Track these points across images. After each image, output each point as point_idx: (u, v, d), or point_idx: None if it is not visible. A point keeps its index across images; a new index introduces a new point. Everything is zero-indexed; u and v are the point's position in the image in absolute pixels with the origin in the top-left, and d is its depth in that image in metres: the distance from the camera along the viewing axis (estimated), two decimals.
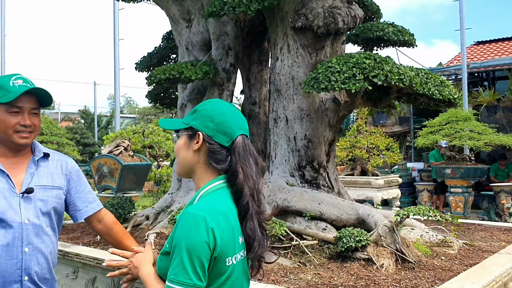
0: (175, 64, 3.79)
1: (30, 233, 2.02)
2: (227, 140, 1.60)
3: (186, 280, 1.43)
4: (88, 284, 3.25)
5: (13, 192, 2.02)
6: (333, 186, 3.67)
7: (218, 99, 1.75)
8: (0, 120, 2.03)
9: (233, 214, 1.54)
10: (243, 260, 1.56)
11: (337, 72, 2.88)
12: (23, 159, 2.13)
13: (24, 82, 2.07)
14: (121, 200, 3.99)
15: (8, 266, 1.99)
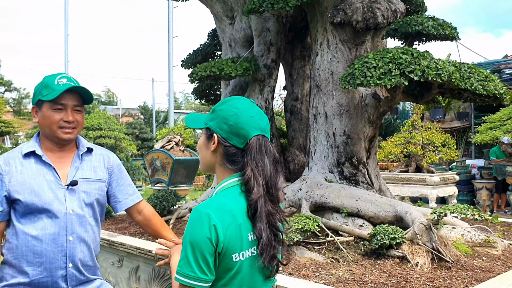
0: (216, 61, 3.87)
1: (74, 223, 2.14)
2: (241, 142, 1.62)
3: (190, 273, 1.50)
4: (131, 272, 3.41)
5: (59, 185, 2.14)
6: (373, 183, 3.62)
7: (237, 97, 1.76)
8: (46, 116, 2.15)
9: (241, 211, 1.57)
10: (255, 257, 1.59)
11: (373, 67, 2.85)
12: (68, 153, 2.25)
13: (68, 81, 2.17)
14: (165, 193, 4.14)
15: (55, 253, 2.11)
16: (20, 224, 2.12)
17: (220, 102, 1.72)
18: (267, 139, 1.66)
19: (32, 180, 2.12)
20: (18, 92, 20.12)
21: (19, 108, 20.34)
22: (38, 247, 2.10)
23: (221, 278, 1.55)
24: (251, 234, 1.58)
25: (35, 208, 2.10)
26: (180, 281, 1.52)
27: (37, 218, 2.11)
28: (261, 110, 1.70)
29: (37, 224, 2.10)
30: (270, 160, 1.62)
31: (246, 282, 1.58)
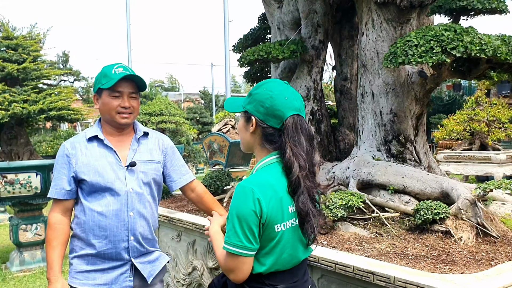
0: (263, 45, 4.00)
1: (134, 200, 2.37)
2: (278, 123, 1.77)
3: (237, 242, 1.69)
4: (189, 246, 3.66)
5: (120, 166, 2.38)
6: (421, 160, 3.64)
7: (271, 80, 1.87)
8: (105, 103, 2.39)
9: (281, 186, 1.73)
10: (294, 227, 1.75)
11: (414, 46, 2.86)
12: (127, 137, 2.49)
13: (124, 70, 2.38)
14: (219, 173, 4.35)
15: (118, 227, 2.34)
16: (86, 201, 2.36)
17: (256, 86, 1.87)
18: (302, 117, 1.80)
19: (96, 162, 2.35)
20: (86, 81, 21.26)
21: (87, 96, 21.50)
22: (103, 222, 2.33)
23: (265, 247, 1.73)
24: (291, 206, 1.74)
25: (99, 187, 2.33)
26: (229, 250, 1.71)
27: (101, 196, 2.34)
28: (295, 91, 1.84)
29: (102, 201, 2.33)
30: (306, 137, 1.77)
31: (287, 250, 1.75)
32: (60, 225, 2.36)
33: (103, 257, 2.35)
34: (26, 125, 6.70)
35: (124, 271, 2.38)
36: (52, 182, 2.40)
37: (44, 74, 6.40)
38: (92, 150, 2.38)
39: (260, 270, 1.73)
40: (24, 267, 6.25)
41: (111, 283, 2.36)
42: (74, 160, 2.34)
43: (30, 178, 5.99)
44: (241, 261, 1.70)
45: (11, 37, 6.48)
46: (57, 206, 2.39)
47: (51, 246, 2.33)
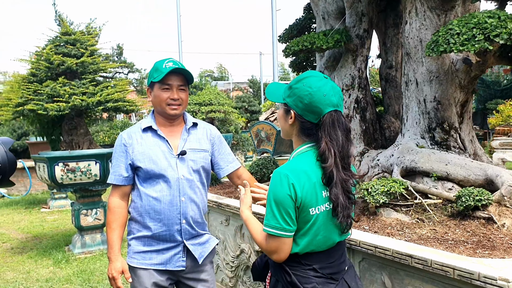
0: (308, 35, 4.08)
1: (185, 186, 2.54)
2: (315, 118, 1.87)
3: (276, 225, 1.82)
4: (237, 230, 3.85)
5: (171, 154, 2.55)
6: (465, 148, 3.64)
7: (311, 73, 1.92)
8: (156, 96, 2.57)
9: (315, 172, 1.84)
10: (329, 211, 1.86)
11: (456, 34, 2.88)
12: (178, 128, 2.66)
13: (174, 64, 2.53)
14: (265, 160, 4.50)
15: (171, 211, 2.52)
16: (142, 187, 2.56)
17: (296, 80, 1.96)
18: (340, 112, 1.90)
19: (150, 151, 2.55)
20: (139, 73, 21.94)
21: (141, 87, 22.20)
22: (157, 206, 2.52)
23: (301, 229, 1.86)
24: (325, 191, 1.85)
25: (153, 174, 2.52)
26: (269, 232, 1.85)
27: (156, 182, 2.53)
28: (335, 85, 1.92)
29: (156, 187, 2.53)
30: (342, 132, 1.87)
31: (322, 232, 1.87)
32: (119, 208, 2.56)
33: (158, 238, 2.55)
34: (85, 116, 7.13)
35: (178, 252, 2.56)
36: (111, 169, 2.61)
37: (100, 67, 6.79)
38: (147, 139, 2.56)
39: (296, 250, 1.86)
40: (85, 249, 6.69)
41: (165, 263, 2.56)
42: (130, 149, 2.54)
43: (90, 166, 6.36)
44: (282, 242, 1.83)
45: (70, 32, 6.90)
46: (115, 191, 2.58)
47: (111, 228, 2.53)
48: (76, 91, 6.49)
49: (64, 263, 6.19)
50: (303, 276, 1.86)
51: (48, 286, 5.34)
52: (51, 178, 6.25)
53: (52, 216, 9.56)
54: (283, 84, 2.06)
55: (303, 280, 1.85)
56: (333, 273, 1.89)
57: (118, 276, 2.50)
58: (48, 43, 6.85)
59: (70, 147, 6.62)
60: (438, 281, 2.24)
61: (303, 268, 1.87)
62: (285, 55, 4.26)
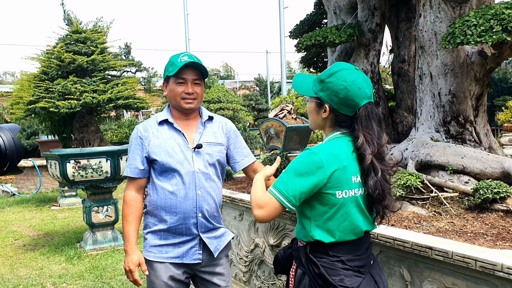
0: (320, 30, 4.07)
1: (201, 179, 2.53)
2: (351, 111, 1.88)
3: (283, 191, 1.81)
4: (250, 225, 3.85)
5: (187, 147, 2.55)
6: (481, 141, 3.62)
7: (343, 66, 1.91)
8: (171, 90, 2.57)
9: (346, 156, 1.83)
10: (358, 197, 1.85)
11: (473, 25, 2.86)
12: (193, 121, 2.65)
13: (189, 58, 2.52)
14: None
15: (187, 205, 2.51)
16: (158, 181, 2.55)
17: (328, 73, 1.94)
18: (373, 104, 1.91)
19: (166, 144, 2.54)
20: (147, 72, 22.00)
21: (148, 86, 22.26)
22: (173, 200, 2.51)
23: (326, 213, 1.85)
24: (355, 177, 1.84)
25: (169, 167, 2.51)
26: (273, 193, 1.85)
27: (172, 176, 2.52)
28: (366, 76, 1.91)
29: (172, 181, 2.52)
30: (377, 123, 1.88)
31: (349, 218, 1.86)
32: (135, 201, 2.55)
33: (174, 232, 2.55)
34: (95, 114, 7.16)
35: (194, 245, 2.56)
36: (127, 162, 2.61)
37: (110, 65, 6.82)
38: (163, 132, 2.56)
39: (322, 237, 1.84)
40: (96, 246, 6.72)
41: (182, 256, 2.55)
42: (146, 141, 2.54)
43: (101, 163, 6.39)
44: (274, 204, 1.81)
45: (80, 31, 6.93)
46: (131, 184, 2.58)
47: (127, 221, 2.53)
48: (87, 89, 6.52)
49: (76, 259, 6.23)
50: (331, 268, 1.84)
51: (61, 282, 5.37)
52: (63, 175, 6.28)
53: (62, 213, 9.61)
54: (310, 76, 2.05)
55: (331, 272, 1.83)
56: (360, 266, 1.88)
57: (135, 269, 2.50)
58: (58, 41, 6.89)
59: (81, 145, 6.65)
60: (459, 273, 2.23)
61: (330, 260, 1.85)
62: (297, 50, 4.26)
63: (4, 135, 1.10)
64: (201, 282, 2.70)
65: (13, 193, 12.25)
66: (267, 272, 3.72)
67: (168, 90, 2.59)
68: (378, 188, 1.83)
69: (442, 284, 2.32)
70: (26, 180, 12.61)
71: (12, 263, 6.19)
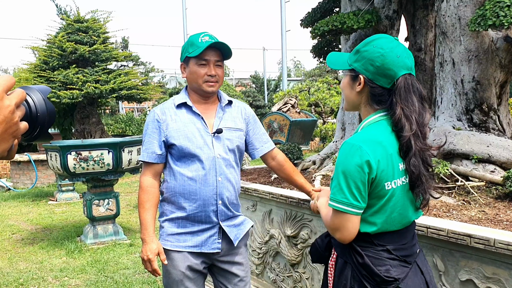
0: (337, 15, 3.95)
1: (221, 165, 2.42)
2: (388, 82, 1.69)
3: (343, 199, 1.65)
4: (265, 216, 3.72)
5: (207, 132, 2.43)
6: (504, 130, 3.51)
7: (380, 35, 1.75)
8: (192, 71, 2.43)
9: (391, 143, 1.68)
10: (405, 185, 1.70)
11: (506, 6, 2.74)
12: (212, 106, 2.53)
13: (210, 39, 2.40)
14: (290, 146, 4.37)
15: (207, 192, 2.40)
16: (176, 166, 2.42)
17: (364, 43, 1.79)
18: (413, 77, 1.72)
19: (185, 128, 2.41)
20: (144, 66, 21.80)
21: (146, 81, 22.05)
22: (193, 186, 2.39)
23: (374, 205, 1.69)
24: (402, 164, 1.68)
25: (188, 152, 2.39)
26: (334, 207, 1.68)
27: (191, 161, 2.40)
28: (406, 48, 1.75)
29: (191, 166, 2.39)
30: (418, 98, 1.69)
31: (398, 209, 1.71)
32: (152, 188, 2.43)
33: (193, 220, 2.43)
34: (96, 106, 7.01)
35: (213, 234, 2.45)
36: (143, 147, 2.47)
37: (113, 55, 6.66)
38: (181, 116, 2.44)
39: (369, 230, 1.69)
40: (97, 240, 6.56)
41: (201, 245, 2.43)
42: (164, 125, 2.41)
43: (103, 155, 6.23)
44: (346, 219, 1.65)
45: (82, 20, 6.76)
46: (148, 170, 2.45)
47: (144, 208, 2.40)
48: (89, 79, 6.37)
49: (77, 253, 6.06)
50: (376, 257, 1.70)
51: (63, 275, 5.22)
52: (64, 167, 6.12)
53: (60, 208, 9.43)
54: (345, 53, 1.90)
55: (376, 262, 1.69)
56: (406, 256, 1.73)
57: (154, 258, 2.35)
58: (59, 31, 6.70)
59: (82, 136, 6.49)
60: (501, 261, 2.11)
61: (375, 249, 1.71)
62: (312, 36, 4.13)
63: (35, 96, 0.96)
64: (219, 272, 2.57)
65: (8, 187, 12.04)
66: (283, 264, 3.59)
67: (188, 72, 2.46)
68: (417, 170, 1.67)
69: (481, 274, 2.20)
70: (21, 175, 12.40)
71: (10, 256, 6.02)
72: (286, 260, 3.49)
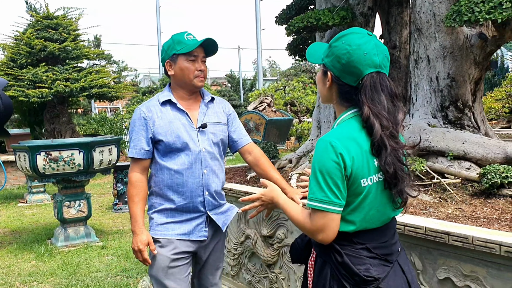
0: (312, 12, 3.90)
1: (207, 158, 2.55)
2: (354, 80, 1.63)
3: (324, 198, 1.59)
4: (240, 216, 3.65)
5: (192, 127, 2.55)
6: (479, 127, 3.51)
7: (354, 30, 1.69)
8: (183, 68, 2.53)
9: (364, 139, 1.62)
10: (381, 182, 1.64)
11: (481, 2, 2.73)
12: (196, 102, 2.65)
13: (193, 37, 2.57)
14: (266, 145, 4.31)
15: (193, 183, 2.51)
16: (163, 161, 2.52)
17: (336, 37, 1.73)
18: (383, 75, 1.65)
19: (171, 124, 2.51)
20: (117, 65, 21.47)
21: (118, 80, 21.67)
22: (180, 179, 2.50)
23: (351, 203, 1.62)
24: (377, 160, 1.62)
25: (175, 147, 2.50)
26: (316, 206, 1.61)
27: (177, 155, 2.51)
28: (380, 43, 1.68)
29: (177, 160, 2.50)
30: (387, 96, 1.63)
31: (376, 206, 1.65)
32: (140, 182, 2.53)
33: (181, 210, 2.54)
34: (66, 105, 6.81)
35: (200, 222, 2.56)
36: (131, 143, 2.57)
37: (84, 53, 6.47)
38: (167, 113, 2.54)
39: (348, 229, 1.63)
40: (68, 242, 6.37)
41: (189, 233, 2.54)
42: (151, 122, 2.51)
43: (74, 155, 6.06)
44: (330, 218, 1.58)
45: (51, 16, 6.55)
46: (136, 166, 2.55)
47: (134, 202, 2.50)
48: (59, 77, 6.16)
49: (47, 256, 5.87)
50: (355, 256, 1.64)
51: (32, 280, 5.04)
52: (33, 168, 5.92)
53: (30, 210, 9.16)
54: (325, 44, 1.83)
55: (356, 261, 1.63)
56: (387, 254, 1.68)
57: (144, 248, 2.46)
58: (28, 28, 6.47)
59: (52, 136, 6.29)
60: (479, 259, 2.08)
61: (355, 248, 1.65)
62: (287, 33, 4.07)
63: None
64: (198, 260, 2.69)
65: None
66: (259, 265, 3.52)
67: (178, 69, 2.56)
68: (392, 169, 1.61)
69: (460, 272, 2.17)
70: None
71: None
72: (262, 260, 3.43)
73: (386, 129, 1.59)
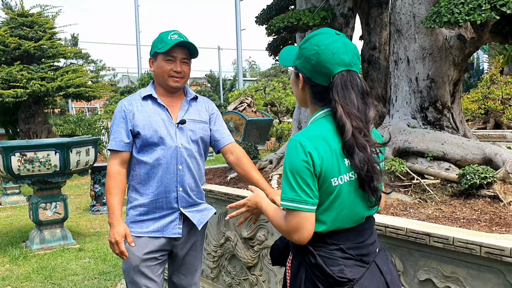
0: (292, 12, 3.88)
1: (183, 154, 2.58)
2: (325, 80, 1.64)
3: (295, 197, 1.57)
4: (220, 217, 3.60)
5: (171, 123, 2.56)
6: (458, 128, 3.54)
7: (322, 30, 1.70)
8: (159, 66, 2.56)
9: (335, 138, 1.61)
10: (353, 181, 1.63)
11: (460, 4, 2.75)
12: (178, 99, 2.66)
13: (179, 37, 2.54)
14: (247, 145, 4.27)
15: (168, 179, 2.53)
16: (139, 155, 2.54)
17: (305, 39, 1.72)
18: (353, 72, 1.65)
19: (150, 118, 2.53)
20: (95, 64, 21.16)
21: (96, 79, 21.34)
22: (155, 174, 2.51)
23: (323, 203, 1.61)
24: (348, 159, 1.61)
25: (152, 142, 2.50)
26: (288, 206, 1.59)
27: (153, 150, 2.52)
28: (348, 41, 1.67)
29: (153, 155, 2.51)
30: (357, 93, 1.63)
31: (348, 205, 1.63)
32: (119, 175, 2.54)
33: (154, 206, 2.54)
34: (42, 105, 6.66)
35: (174, 219, 2.56)
36: (111, 136, 2.59)
37: (60, 51, 6.33)
38: (147, 107, 2.57)
39: (320, 229, 1.62)
40: (44, 245, 6.23)
41: (162, 230, 2.54)
42: (130, 115, 2.53)
43: (49, 156, 5.92)
44: (303, 217, 1.57)
45: (26, 14, 6.39)
46: (115, 158, 2.55)
47: (112, 194, 2.50)
48: (35, 76, 6.02)
49: (21, 260, 5.73)
50: (329, 257, 1.62)
51: (5, 285, 4.90)
52: (7, 170, 5.77)
53: (4, 212, 8.95)
54: (297, 47, 1.82)
55: (329, 262, 1.61)
56: (363, 255, 1.66)
57: (121, 240, 2.45)
58: (1, 25, 6.31)
59: (27, 137, 6.14)
60: (459, 260, 2.08)
61: (329, 249, 1.63)
62: (267, 33, 4.05)
63: None
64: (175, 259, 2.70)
65: None
66: (239, 267, 3.48)
67: (155, 67, 2.60)
68: (364, 168, 1.60)
69: (440, 273, 2.17)
70: None
71: None
72: (242, 263, 3.39)
73: (357, 128, 1.58)
